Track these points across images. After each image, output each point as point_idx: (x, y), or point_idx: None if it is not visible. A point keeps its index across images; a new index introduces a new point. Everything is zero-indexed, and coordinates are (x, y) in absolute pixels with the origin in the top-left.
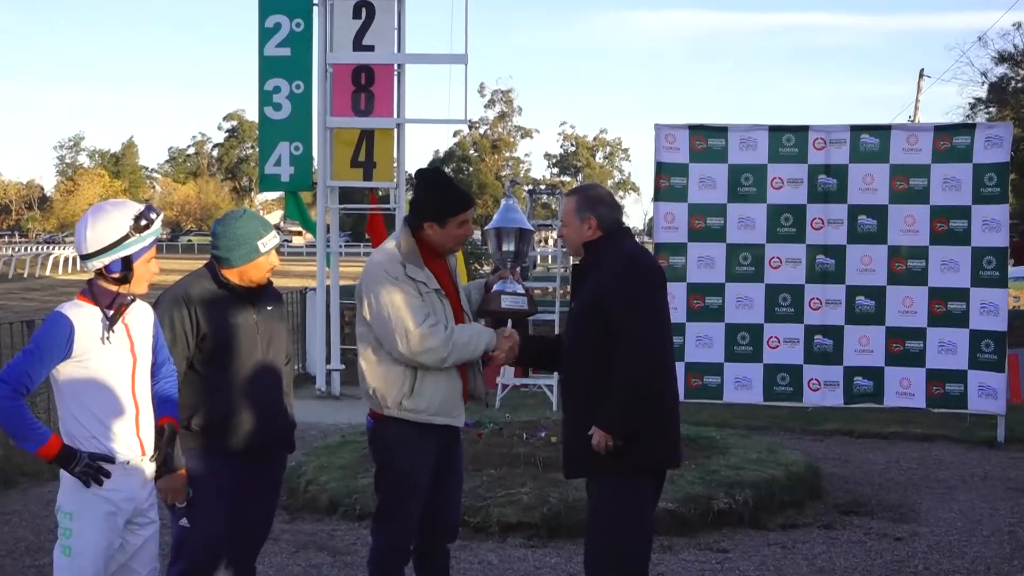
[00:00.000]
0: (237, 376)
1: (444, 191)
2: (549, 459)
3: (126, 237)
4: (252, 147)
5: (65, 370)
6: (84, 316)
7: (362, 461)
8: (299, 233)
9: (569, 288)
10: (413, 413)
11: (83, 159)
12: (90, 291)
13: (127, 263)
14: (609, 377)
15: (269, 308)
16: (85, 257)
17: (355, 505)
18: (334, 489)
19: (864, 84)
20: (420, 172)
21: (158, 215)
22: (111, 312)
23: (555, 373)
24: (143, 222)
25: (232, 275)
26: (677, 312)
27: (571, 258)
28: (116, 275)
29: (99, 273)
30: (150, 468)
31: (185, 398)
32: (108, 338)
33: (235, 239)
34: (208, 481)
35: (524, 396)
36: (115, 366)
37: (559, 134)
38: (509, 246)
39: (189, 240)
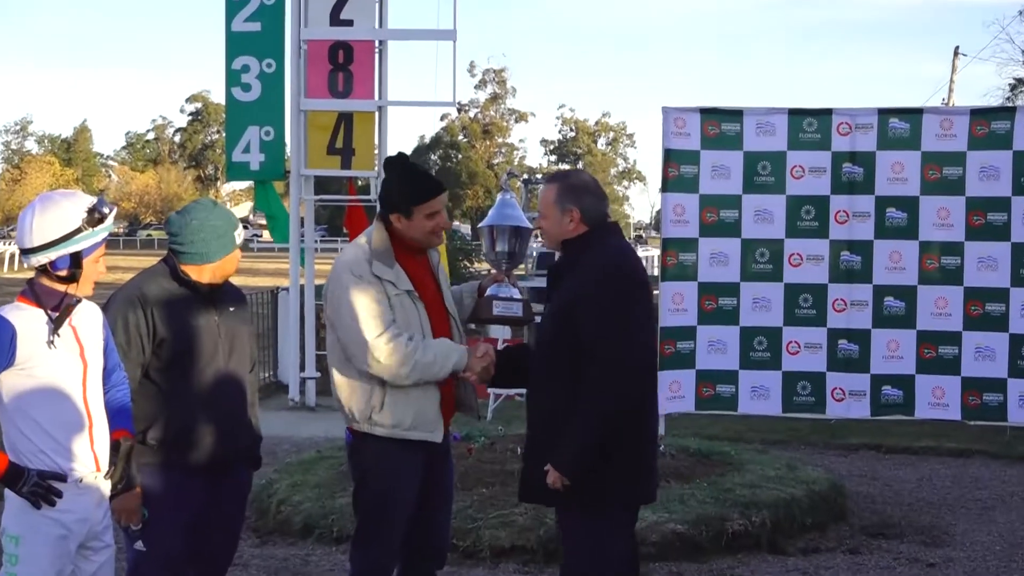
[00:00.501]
0: (197, 384)
1: (410, 178)
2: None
3: (78, 231)
4: (218, 132)
5: (8, 380)
6: (26, 319)
7: (340, 478)
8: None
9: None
10: (385, 428)
11: (30, 145)
12: (32, 292)
13: (76, 260)
14: (574, 399)
15: (231, 309)
16: (29, 252)
17: (332, 527)
18: (309, 510)
19: (893, 63)
20: (387, 160)
21: (111, 210)
22: (56, 314)
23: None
24: (97, 215)
25: (199, 272)
26: (687, 314)
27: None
28: (63, 273)
29: (42, 271)
30: (105, 486)
31: (140, 409)
32: (54, 343)
33: (214, 231)
34: (166, 500)
35: (519, 407)
36: (64, 373)
37: (557, 118)
38: (503, 246)
39: (148, 235)
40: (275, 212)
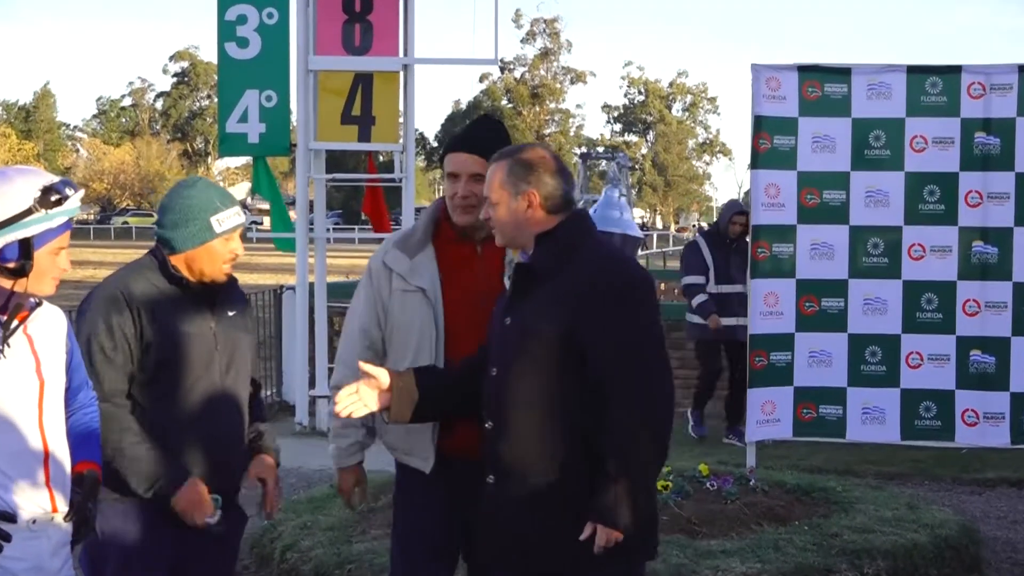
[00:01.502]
0: (185, 403)
1: (458, 131)
2: None
3: (27, 212)
4: (209, 97)
5: None
6: None
7: (358, 519)
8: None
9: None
10: (389, 450)
11: None
12: None
13: (26, 249)
14: (578, 438)
15: (231, 314)
16: None
17: None
18: (320, 557)
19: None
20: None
21: (76, 192)
22: (4, 318)
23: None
24: (54, 196)
25: (180, 264)
26: (783, 319)
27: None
28: (10, 264)
29: None
30: (64, 530)
31: (111, 432)
32: (3, 353)
33: (182, 212)
34: (141, 545)
35: None
36: (15, 392)
37: (622, 79)
38: None
39: (125, 222)
40: (270, 196)
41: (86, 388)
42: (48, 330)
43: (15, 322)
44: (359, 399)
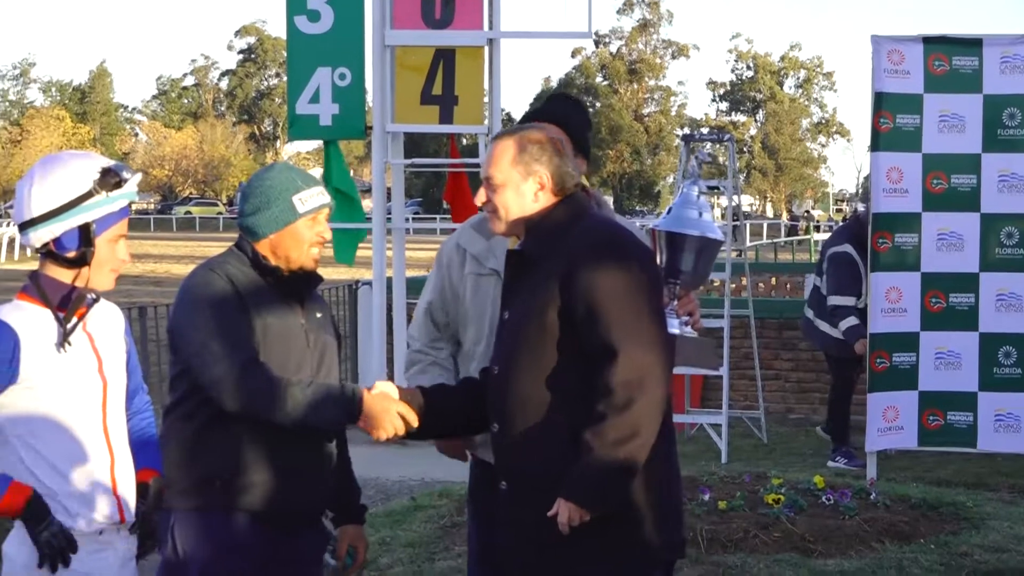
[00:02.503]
0: None
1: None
2: (716, 533)
3: (88, 195)
4: (278, 76)
5: (8, 401)
6: (31, 322)
7: (441, 535)
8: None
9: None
10: (472, 448)
11: (33, 95)
12: (35, 286)
13: (87, 236)
14: (581, 419)
15: (319, 316)
16: (27, 226)
17: None
18: (401, 575)
19: None
20: None
21: (133, 175)
22: (63, 314)
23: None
24: (114, 179)
25: (265, 251)
26: (907, 316)
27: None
28: (71, 254)
29: (47, 256)
30: (130, 542)
31: (184, 432)
32: (65, 351)
33: (263, 195)
34: (216, 560)
35: (678, 442)
36: (78, 393)
37: (729, 52)
38: (679, 261)
39: (188, 212)
40: (339, 183)
41: (141, 392)
42: (107, 328)
43: (74, 319)
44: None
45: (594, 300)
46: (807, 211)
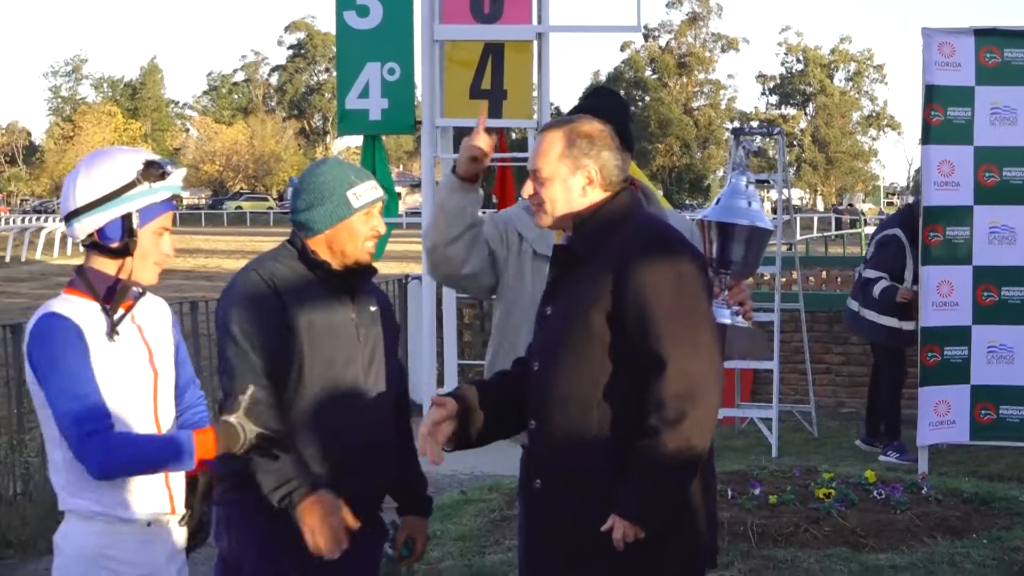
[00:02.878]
0: (325, 401)
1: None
2: (766, 527)
3: (131, 185)
4: (328, 71)
5: None
6: (81, 315)
7: (491, 528)
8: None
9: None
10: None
11: (85, 91)
12: (82, 280)
13: (129, 226)
14: (624, 423)
15: (373, 310)
16: (72, 217)
17: None
18: (451, 570)
19: None
20: None
21: (178, 169)
22: (109, 306)
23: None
24: (157, 170)
25: (320, 247)
26: (958, 310)
27: (551, 235)
28: (114, 244)
29: (92, 248)
30: (180, 535)
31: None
32: (115, 341)
33: (316, 191)
34: (268, 553)
35: (728, 436)
36: (129, 383)
37: (779, 45)
38: (728, 251)
39: (239, 207)
40: (381, 177)
41: (193, 387)
42: (155, 320)
43: (121, 310)
44: (433, 440)
45: (644, 302)
46: (849, 204)
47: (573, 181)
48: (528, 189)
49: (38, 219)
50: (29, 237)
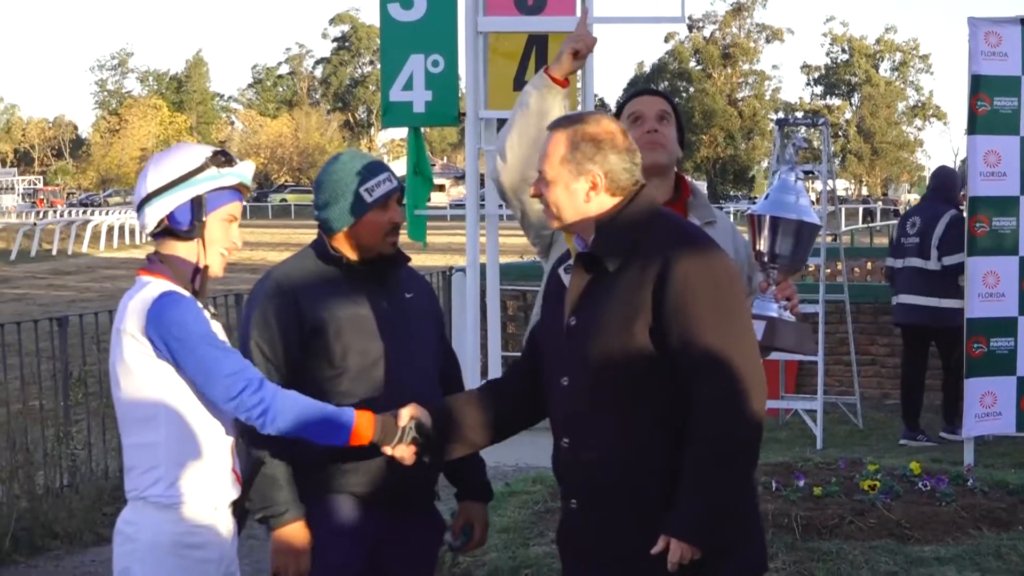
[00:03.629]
0: (356, 395)
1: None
2: (811, 519)
3: (201, 169)
4: (371, 63)
5: (142, 371)
6: None
7: (535, 520)
8: (439, 187)
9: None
10: None
11: (131, 84)
12: (167, 267)
13: (198, 209)
14: (670, 451)
15: (408, 296)
16: (144, 204)
17: None
18: (495, 561)
19: None
20: None
21: (246, 163)
22: (197, 288)
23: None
24: (224, 157)
25: (342, 244)
26: (1005, 301)
27: (558, 238)
28: (183, 228)
29: (163, 233)
30: (232, 516)
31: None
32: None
33: (331, 189)
34: (321, 542)
35: (772, 428)
36: None
37: (824, 35)
38: (777, 245)
39: (283, 199)
40: (423, 168)
41: None
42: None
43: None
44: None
45: (686, 309)
46: (884, 195)
47: (576, 186)
48: (536, 190)
49: (85, 212)
50: (76, 230)
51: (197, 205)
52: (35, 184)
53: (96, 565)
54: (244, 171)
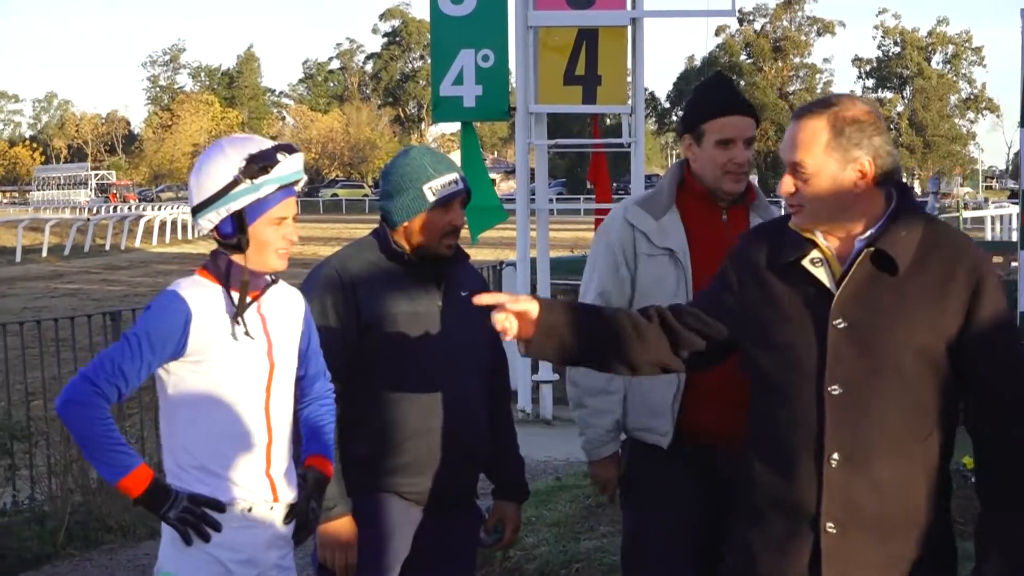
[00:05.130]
0: (408, 391)
1: (709, 87)
2: None
3: (233, 184)
4: (422, 58)
5: (177, 373)
6: (206, 299)
7: (586, 515)
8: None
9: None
10: (623, 431)
11: (183, 80)
12: (214, 265)
13: (240, 223)
14: (949, 482)
15: (464, 294)
16: (195, 212)
17: None
18: (546, 555)
19: None
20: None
21: (291, 153)
22: (238, 295)
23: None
24: (257, 164)
25: (400, 237)
26: None
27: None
28: (230, 240)
29: (216, 240)
30: (280, 522)
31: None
32: (235, 333)
33: (395, 182)
34: (367, 540)
35: None
36: (245, 373)
37: (876, 28)
38: None
39: (334, 194)
40: (473, 166)
41: (323, 379)
42: (283, 311)
43: (247, 299)
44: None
45: (991, 328)
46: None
47: (843, 176)
48: (788, 186)
49: (138, 207)
50: (128, 225)
51: (238, 218)
52: (107, 178)
53: (150, 558)
54: (284, 171)
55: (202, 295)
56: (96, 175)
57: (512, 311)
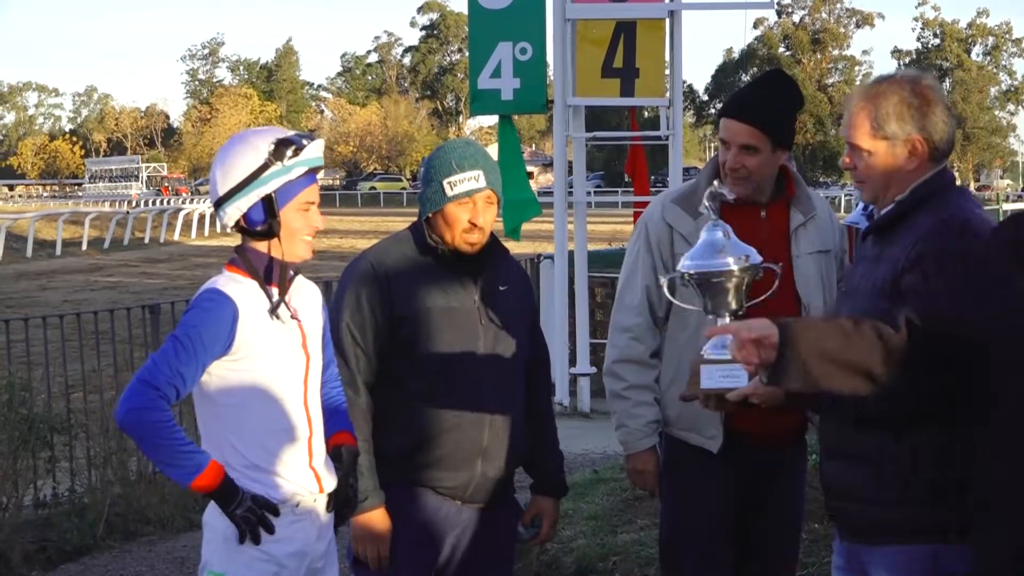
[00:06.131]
0: (442, 385)
1: (747, 87)
2: None
3: (264, 167)
4: (460, 51)
5: (218, 372)
6: (246, 296)
7: (623, 508)
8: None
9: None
10: (664, 426)
11: (222, 74)
12: (242, 260)
13: (271, 208)
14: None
15: (502, 289)
16: (219, 204)
17: (614, 571)
18: (583, 548)
19: None
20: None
21: (312, 140)
22: (275, 288)
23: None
24: (288, 148)
25: (431, 229)
26: None
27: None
28: (259, 227)
29: (244, 231)
30: (326, 513)
31: (378, 403)
32: (273, 328)
33: (424, 174)
34: (403, 533)
35: None
36: (285, 367)
37: (915, 20)
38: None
39: (372, 187)
40: (509, 159)
41: (332, 365)
42: (307, 303)
43: (285, 291)
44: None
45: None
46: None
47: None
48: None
49: (189, 200)
50: (167, 219)
51: (268, 203)
52: (159, 171)
53: (188, 550)
54: (311, 154)
55: (241, 291)
56: (147, 167)
57: None
